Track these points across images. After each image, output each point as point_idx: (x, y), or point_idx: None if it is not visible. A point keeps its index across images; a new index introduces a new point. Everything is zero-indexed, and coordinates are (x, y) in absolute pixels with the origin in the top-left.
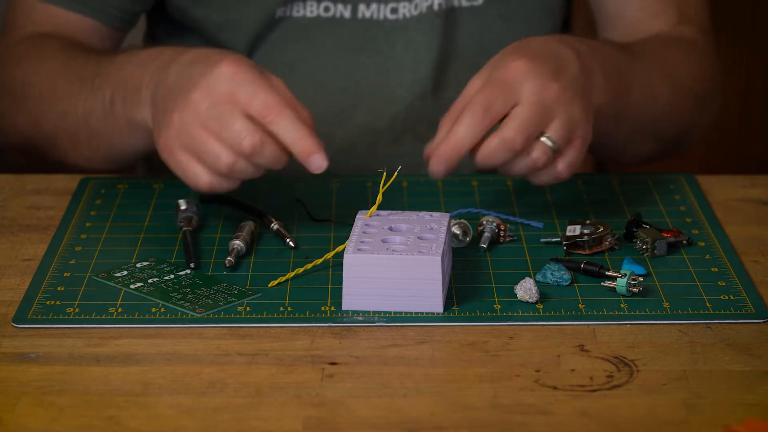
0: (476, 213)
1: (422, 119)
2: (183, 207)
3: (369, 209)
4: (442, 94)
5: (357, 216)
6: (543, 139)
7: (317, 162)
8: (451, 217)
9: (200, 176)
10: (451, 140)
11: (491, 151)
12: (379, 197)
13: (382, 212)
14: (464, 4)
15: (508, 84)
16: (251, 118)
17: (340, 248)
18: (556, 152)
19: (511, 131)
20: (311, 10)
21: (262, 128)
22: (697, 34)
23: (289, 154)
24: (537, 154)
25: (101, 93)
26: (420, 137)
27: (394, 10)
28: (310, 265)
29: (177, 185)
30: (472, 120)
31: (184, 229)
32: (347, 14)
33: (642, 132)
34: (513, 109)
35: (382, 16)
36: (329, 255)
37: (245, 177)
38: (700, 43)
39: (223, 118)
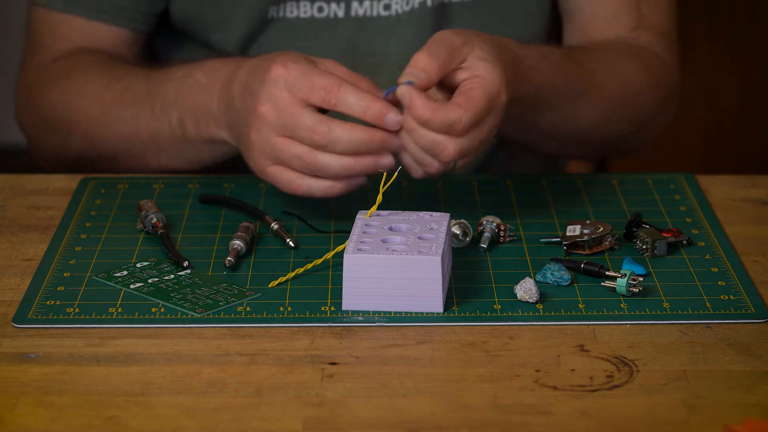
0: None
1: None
2: (146, 211)
3: (369, 209)
4: None
5: (357, 216)
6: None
7: (393, 120)
8: (450, 217)
9: (293, 182)
10: (437, 116)
11: (436, 140)
12: (379, 197)
13: (382, 212)
14: None
15: (492, 103)
16: (319, 109)
17: (340, 248)
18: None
19: (471, 136)
20: (305, 11)
21: (328, 118)
22: (654, 39)
23: (367, 134)
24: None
25: (165, 117)
26: None
27: (387, 7)
28: (310, 265)
29: (177, 185)
30: (456, 125)
31: (161, 232)
32: (341, 13)
33: (563, 141)
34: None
35: (375, 13)
36: (329, 255)
37: (337, 172)
38: (657, 48)
39: (291, 121)
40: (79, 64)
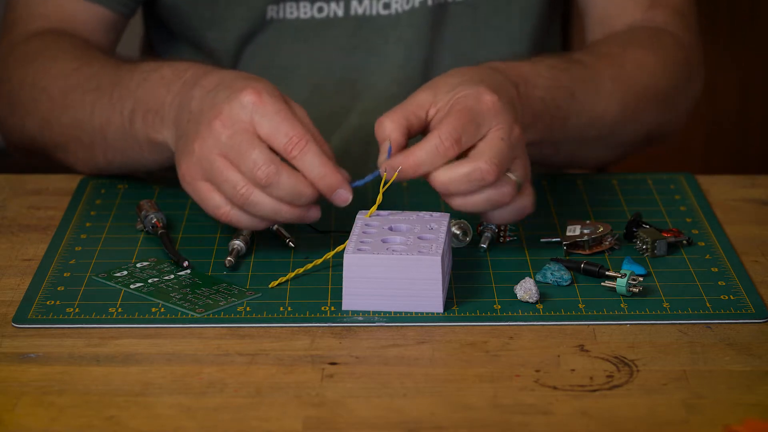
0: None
1: None
2: (147, 211)
3: (369, 209)
4: None
5: (357, 216)
6: (510, 174)
7: (342, 196)
8: (450, 217)
9: (220, 207)
10: (410, 159)
11: (459, 178)
12: (379, 197)
13: (382, 212)
14: None
15: (479, 117)
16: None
17: (340, 248)
18: (519, 188)
19: (487, 163)
20: (305, 12)
21: (279, 159)
22: (669, 18)
23: (310, 190)
24: (507, 188)
25: (120, 106)
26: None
27: (386, 6)
28: (310, 265)
29: (177, 185)
30: (439, 147)
31: (161, 232)
32: (340, 12)
33: (596, 144)
34: (481, 142)
35: (374, 12)
36: (329, 255)
37: (264, 213)
38: (673, 27)
39: (241, 147)
40: (52, 45)
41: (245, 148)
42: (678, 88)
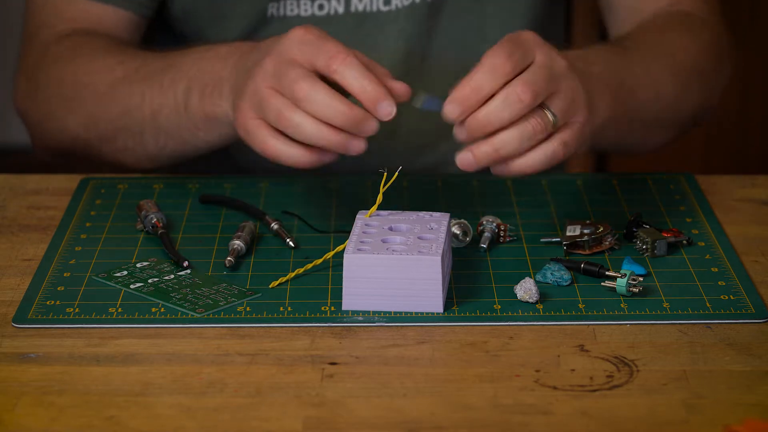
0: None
1: (414, 111)
2: (147, 211)
3: (369, 209)
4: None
5: (357, 216)
6: (546, 111)
7: (386, 109)
8: (450, 217)
9: (266, 140)
10: (470, 83)
11: (498, 105)
12: (379, 197)
13: (382, 212)
14: None
15: (524, 43)
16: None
17: (340, 248)
18: (554, 127)
19: (520, 85)
20: (305, 9)
21: (318, 77)
22: (694, 3)
23: (347, 108)
24: (536, 121)
25: (173, 90)
26: (412, 130)
27: (387, 2)
28: (310, 265)
29: (177, 185)
30: (493, 64)
31: (161, 232)
32: (341, 9)
33: (656, 125)
34: (525, 70)
35: (375, 8)
36: (329, 255)
37: (308, 135)
38: (699, 11)
39: (283, 71)
40: (88, 44)
41: (285, 71)
42: (714, 68)
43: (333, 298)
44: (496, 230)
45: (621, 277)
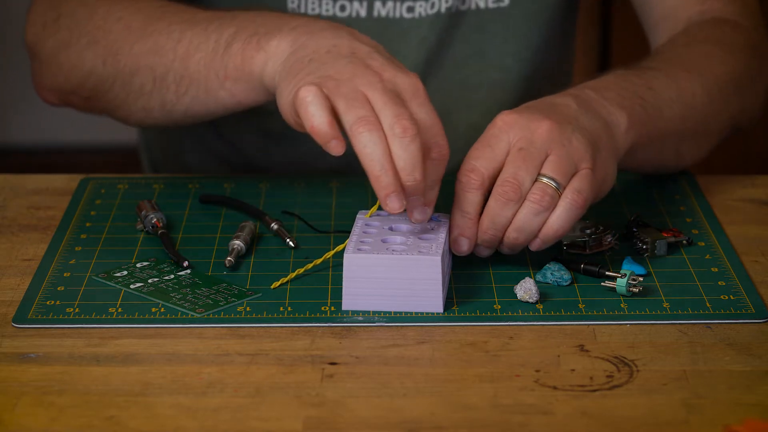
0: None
1: None
2: (147, 211)
3: (369, 209)
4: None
5: (357, 216)
6: (543, 179)
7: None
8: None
9: (305, 100)
10: (461, 211)
11: (490, 209)
12: None
13: (382, 212)
14: (491, 5)
15: (491, 139)
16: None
17: (340, 248)
18: (558, 188)
19: (500, 186)
20: (327, 9)
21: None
22: (725, 6)
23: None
24: (536, 195)
25: (217, 34)
26: None
27: (410, 9)
28: (310, 265)
29: (176, 185)
30: (468, 182)
31: (161, 232)
32: (363, 13)
33: (691, 138)
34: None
35: (398, 15)
36: (329, 255)
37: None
38: (730, 14)
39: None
40: None
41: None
42: (751, 71)
43: (333, 298)
44: None
45: (621, 277)
